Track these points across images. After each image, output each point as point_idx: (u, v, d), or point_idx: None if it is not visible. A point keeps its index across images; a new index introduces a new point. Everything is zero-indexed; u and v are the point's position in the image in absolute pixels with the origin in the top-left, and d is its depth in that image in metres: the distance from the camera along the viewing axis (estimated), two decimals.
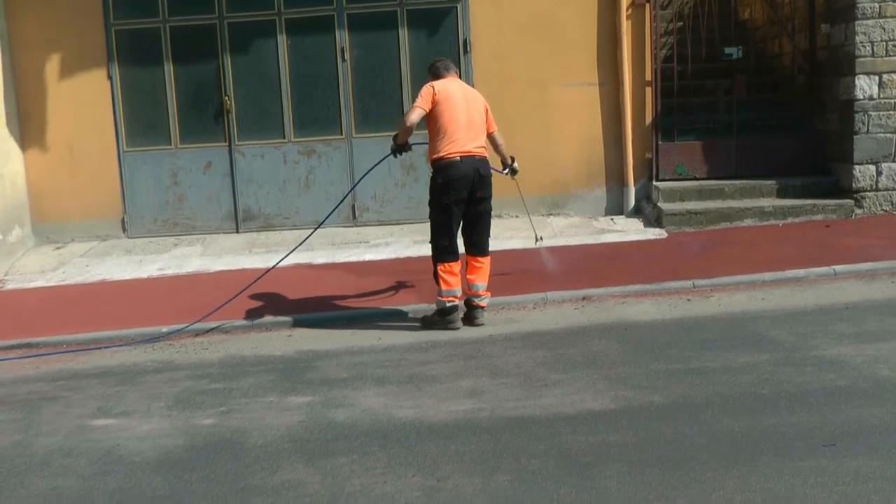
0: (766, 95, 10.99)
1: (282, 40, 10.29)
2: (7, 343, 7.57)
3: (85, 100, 10.48)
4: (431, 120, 6.74)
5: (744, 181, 10.02)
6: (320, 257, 9.32)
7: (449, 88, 6.78)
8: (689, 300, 7.30)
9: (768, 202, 9.74)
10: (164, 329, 7.35)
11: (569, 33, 10.11)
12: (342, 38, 10.24)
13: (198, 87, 10.52)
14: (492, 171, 6.99)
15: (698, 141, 10.29)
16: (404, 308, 7.44)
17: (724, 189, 9.96)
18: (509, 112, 10.13)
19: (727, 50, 10.49)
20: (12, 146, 10.45)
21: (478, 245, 6.93)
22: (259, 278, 7.82)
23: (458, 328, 6.82)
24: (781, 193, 9.86)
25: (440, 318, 6.88)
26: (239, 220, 10.57)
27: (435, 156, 6.75)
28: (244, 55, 10.41)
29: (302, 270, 8.96)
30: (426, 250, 9.16)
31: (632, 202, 10.27)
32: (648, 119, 10.19)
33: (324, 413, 5.31)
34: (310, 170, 10.14)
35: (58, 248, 10.54)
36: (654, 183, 10.13)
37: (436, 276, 6.86)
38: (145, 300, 8.38)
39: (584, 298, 7.47)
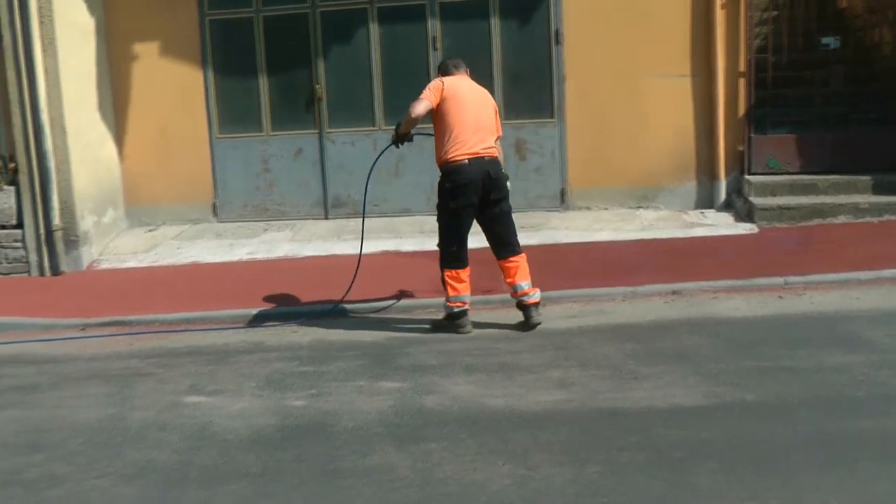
0: (865, 87, 10.65)
1: (373, 29, 10.33)
2: (102, 320, 7.80)
3: (178, 87, 10.69)
4: (438, 118, 6.48)
5: (838, 176, 9.71)
6: (408, 245, 9.36)
7: (458, 86, 6.53)
8: (780, 297, 7.14)
9: (864, 198, 9.44)
10: (255, 312, 7.47)
11: (661, 23, 9.93)
12: (434, 27, 10.22)
13: (289, 76, 10.62)
14: None
15: (792, 134, 10.02)
16: (493, 297, 7.39)
17: (818, 184, 9.69)
18: (600, 103, 10.04)
19: (824, 40, 10.22)
20: (109, 132, 10.74)
21: (506, 246, 6.64)
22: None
23: (469, 332, 6.61)
24: (878, 189, 9.55)
25: (449, 323, 6.70)
26: (328, 207, 10.64)
27: (442, 158, 6.49)
28: (336, 44, 10.48)
29: (390, 258, 9.02)
30: None
31: (722, 196, 10.07)
32: (741, 111, 9.96)
33: (414, 399, 5.34)
34: (400, 158, 10.14)
35: (150, 231, 10.80)
36: (746, 176, 9.92)
37: (443, 281, 6.65)
38: (236, 283, 8.51)
39: (673, 292, 7.37)
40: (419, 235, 9.67)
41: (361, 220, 8.15)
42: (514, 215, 6.77)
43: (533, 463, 4.33)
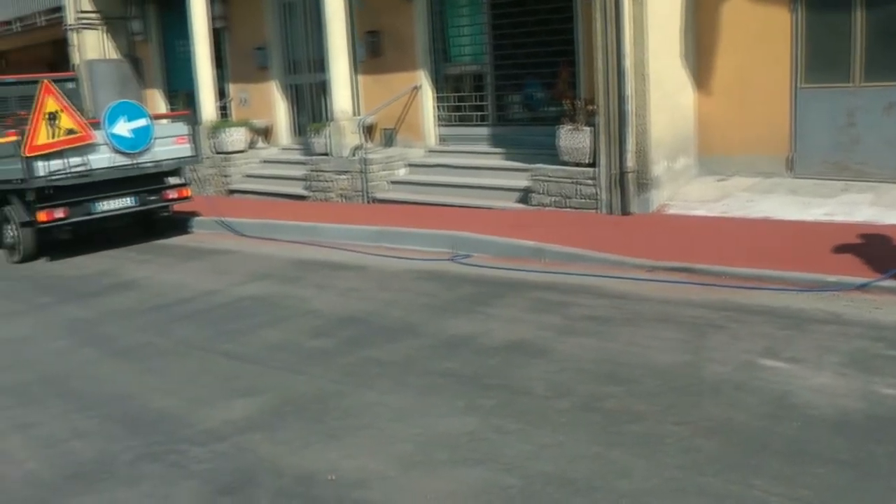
0: None
1: None
2: (669, 264, 7.94)
3: (763, 34, 10.36)
4: None
5: None
6: None
7: None
8: None
9: None
10: (832, 279, 7.07)
11: None
12: None
13: (889, 21, 9.63)
14: None
15: None
16: None
17: None
18: None
19: None
20: (687, 80, 10.83)
21: None
22: None
23: None
24: None
25: None
26: None
27: None
28: None
29: None
30: None
31: None
32: None
33: None
34: None
35: (720, 181, 10.75)
36: None
37: None
38: (809, 244, 8.09)
39: None
40: None
41: None
42: None
43: None
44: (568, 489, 4.11)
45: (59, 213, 11.61)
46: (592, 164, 10.44)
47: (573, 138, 10.54)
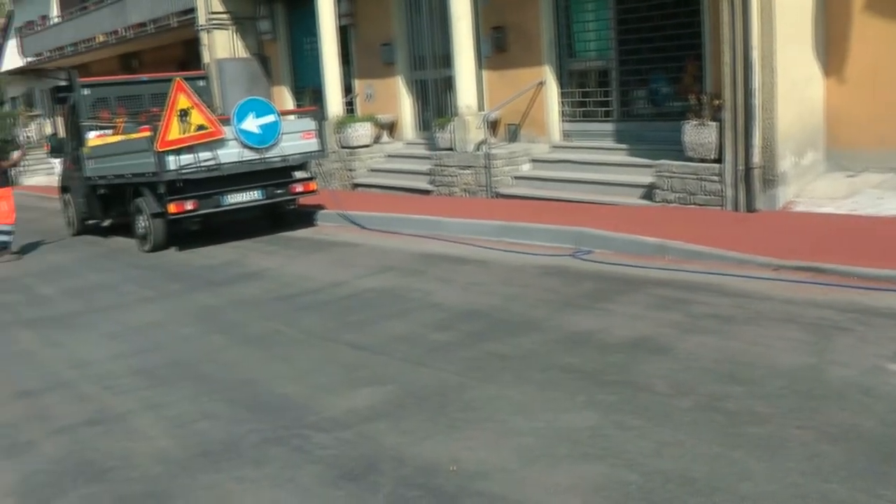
0: None
1: None
2: (795, 263, 7.75)
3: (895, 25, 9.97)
4: None
5: None
6: None
7: None
8: None
9: None
10: None
11: None
12: None
13: None
14: None
15: None
16: None
17: None
18: None
19: None
20: (816, 71, 10.51)
21: None
22: None
23: None
24: None
25: None
26: None
27: None
28: None
29: None
30: None
31: None
32: None
33: None
34: None
35: (849, 177, 10.40)
36: None
37: None
38: None
39: None
40: None
41: None
42: None
43: None
44: (688, 488, 4.08)
45: (189, 206, 12.09)
46: (718, 160, 10.26)
47: (698, 133, 10.38)
